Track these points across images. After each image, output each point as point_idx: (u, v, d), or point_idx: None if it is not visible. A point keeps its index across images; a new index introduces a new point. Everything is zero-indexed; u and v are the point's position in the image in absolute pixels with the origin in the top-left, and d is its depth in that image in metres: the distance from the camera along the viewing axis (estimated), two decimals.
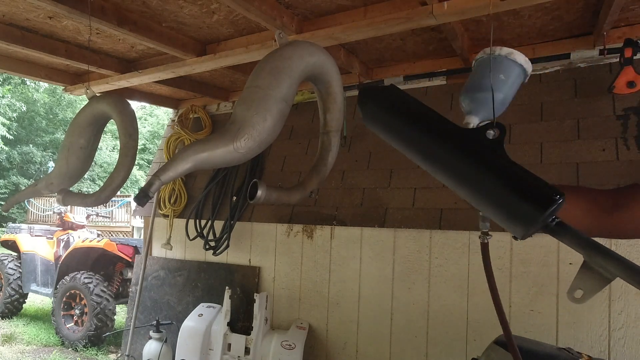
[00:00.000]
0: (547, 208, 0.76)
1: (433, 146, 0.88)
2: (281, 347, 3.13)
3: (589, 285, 0.79)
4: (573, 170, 2.55)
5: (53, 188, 2.65)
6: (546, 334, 2.45)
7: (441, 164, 0.88)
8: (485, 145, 0.85)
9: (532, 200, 0.78)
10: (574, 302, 0.81)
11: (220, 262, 3.80)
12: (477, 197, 0.85)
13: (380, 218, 3.04)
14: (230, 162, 1.78)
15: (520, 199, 0.79)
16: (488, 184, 0.82)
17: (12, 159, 18.97)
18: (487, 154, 0.84)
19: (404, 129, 0.91)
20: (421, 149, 0.89)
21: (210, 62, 2.96)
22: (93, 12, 2.32)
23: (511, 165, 0.83)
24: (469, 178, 0.84)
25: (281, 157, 3.74)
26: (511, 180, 0.81)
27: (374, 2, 2.32)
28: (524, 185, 0.80)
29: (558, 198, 0.76)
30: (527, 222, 0.78)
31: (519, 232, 0.80)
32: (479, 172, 0.83)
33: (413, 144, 0.90)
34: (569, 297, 0.82)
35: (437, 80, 3.17)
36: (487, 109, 1.30)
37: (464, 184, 0.86)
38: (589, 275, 0.78)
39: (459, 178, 0.86)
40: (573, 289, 0.81)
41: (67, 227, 6.41)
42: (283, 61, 1.87)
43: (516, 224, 0.80)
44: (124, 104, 2.50)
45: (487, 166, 0.83)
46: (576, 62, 2.72)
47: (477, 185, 0.84)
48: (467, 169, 0.84)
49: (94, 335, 5.08)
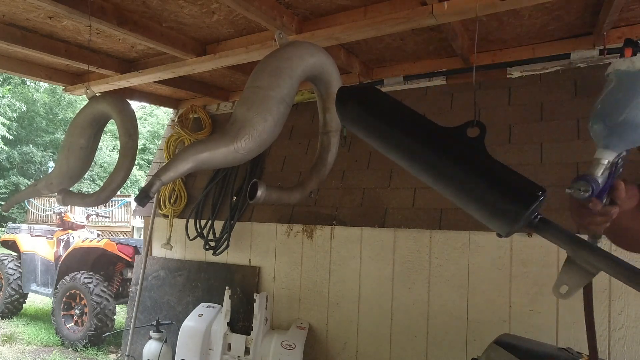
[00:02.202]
0: (529, 204, 0.76)
1: (413, 146, 0.87)
2: (281, 347, 3.13)
3: (574, 281, 0.79)
4: (573, 170, 2.55)
5: (53, 188, 2.65)
6: (546, 334, 2.45)
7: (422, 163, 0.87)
8: (466, 144, 0.85)
9: (515, 197, 0.78)
10: (559, 297, 0.81)
11: (220, 262, 3.80)
12: (460, 196, 0.84)
13: (380, 218, 3.04)
14: (231, 162, 1.78)
15: (503, 197, 0.78)
16: (470, 182, 0.82)
17: (12, 159, 18.96)
18: (468, 153, 0.84)
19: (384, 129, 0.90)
20: (402, 149, 0.89)
21: (210, 62, 2.96)
22: (93, 12, 2.32)
23: (493, 163, 0.83)
24: (451, 177, 0.84)
25: (281, 157, 3.74)
26: (493, 178, 0.81)
27: (374, 2, 2.32)
28: (506, 183, 0.80)
29: (540, 194, 0.76)
30: (510, 219, 0.78)
31: (503, 230, 0.80)
32: (460, 171, 0.83)
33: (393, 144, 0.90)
34: (555, 292, 0.82)
35: (437, 80, 3.17)
36: (629, 141, 0.92)
37: (446, 183, 0.86)
38: (573, 271, 0.79)
39: (440, 177, 0.86)
40: (558, 285, 0.81)
41: (67, 227, 6.40)
42: (283, 61, 1.87)
43: (499, 222, 0.80)
44: (124, 104, 2.50)
45: (468, 165, 0.82)
46: (576, 62, 2.72)
47: (459, 184, 0.83)
48: (448, 168, 0.84)
49: (94, 335, 5.07)
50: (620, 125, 0.90)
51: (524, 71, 2.89)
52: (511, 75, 2.92)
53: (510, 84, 2.91)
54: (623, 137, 0.90)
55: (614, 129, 0.91)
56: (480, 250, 2.72)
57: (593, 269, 0.76)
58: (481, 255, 2.72)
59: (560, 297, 0.81)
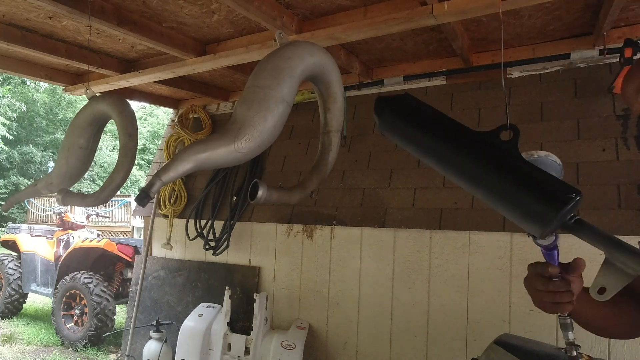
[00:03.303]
0: (561, 207, 0.77)
1: (449, 151, 0.89)
2: (281, 347, 3.13)
3: (611, 282, 0.79)
4: (573, 170, 2.55)
5: (53, 188, 2.65)
6: (546, 334, 2.45)
7: (458, 168, 0.89)
8: (499, 147, 0.86)
9: (547, 200, 0.79)
10: (598, 299, 0.81)
11: (220, 262, 3.80)
12: (495, 198, 0.86)
13: (380, 218, 3.04)
14: (231, 162, 1.78)
15: (535, 199, 0.79)
16: (505, 185, 0.83)
17: (12, 159, 18.96)
18: (501, 156, 0.85)
19: (421, 136, 0.92)
20: (438, 154, 0.90)
21: (210, 62, 2.96)
22: (93, 12, 2.32)
23: (527, 166, 0.84)
24: (485, 180, 0.85)
25: (281, 157, 3.74)
26: (527, 181, 0.82)
27: (374, 2, 2.32)
28: (540, 185, 0.81)
29: (574, 196, 0.77)
30: (542, 221, 0.79)
31: (537, 232, 0.81)
32: (495, 175, 0.84)
33: (430, 151, 0.92)
34: (592, 294, 0.82)
35: (437, 80, 3.18)
36: None
37: (481, 186, 0.87)
38: (611, 272, 0.79)
39: (475, 180, 0.87)
40: (596, 286, 0.81)
41: (67, 227, 6.41)
42: (283, 61, 1.87)
43: (532, 224, 0.81)
44: (124, 104, 2.50)
45: (501, 168, 0.84)
46: (576, 62, 2.72)
47: (494, 187, 0.85)
48: (482, 172, 0.85)
49: (94, 335, 5.08)
50: None
51: (524, 71, 2.89)
52: (511, 75, 2.92)
53: (510, 84, 2.91)
54: None
55: None
56: (480, 250, 2.72)
57: (630, 270, 0.76)
58: (481, 255, 2.72)
59: (598, 299, 0.80)
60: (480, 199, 0.89)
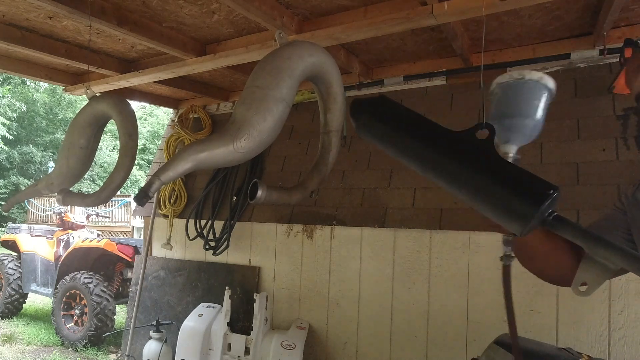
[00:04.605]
0: (540, 203, 0.77)
1: (426, 152, 0.89)
2: (281, 347, 3.13)
3: (593, 277, 0.79)
4: (573, 170, 2.55)
5: (53, 188, 2.65)
6: (546, 334, 2.45)
7: (435, 168, 0.89)
8: (476, 146, 0.86)
9: (525, 197, 0.79)
10: (579, 295, 0.82)
11: (220, 262, 3.80)
12: (473, 197, 0.86)
13: (380, 218, 3.04)
14: (231, 162, 1.78)
15: (514, 196, 0.79)
16: (482, 184, 0.83)
17: (12, 159, 18.96)
18: (478, 155, 0.85)
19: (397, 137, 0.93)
20: (415, 155, 0.91)
21: (210, 62, 2.96)
22: (93, 12, 2.32)
23: (504, 164, 0.84)
24: (463, 179, 0.85)
25: (281, 157, 3.74)
26: (504, 179, 0.82)
27: (374, 2, 2.32)
28: (517, 183, 0.81)
29: (552, 192, 0.77)
30: (522, 218, 0.79)
31: (517, 229, 0.81)
32: (472, 174, 0.84)
33: (407, 151, 0.92)
34: (574, 290, 0.82)
35: (437, 80, 3.17)
36: (522, 135, 1.29)
37: (459, 186, 0.87)
38: (592, 267, 0.79)
39: (453, 180, 0.88)
40: (577, 283, 0.81)
41: (67, 227, 6.40)
42: (283, 61, 1.87)
43: (513, 221, 0.81)
44: (124, 104, 2.50)
45: (479, 167, 0.84)
46: (576, 62, 2.72)
47: (472, 187, 0.85)
48: (460, 172, 0.85)
49: (94, 335, 5.07)
50: (514, 124, 1.27)
51: None
52: None
53: None
54: (518, 132, 1.28)
55: (509, 127, 1.27)
56: (480, 250, 2.72)
57: (611, 264, 0.76)
58: (481, 255, 2.71)
59: (580, 295, 0.81)
60: (460, 199, 0.90)
